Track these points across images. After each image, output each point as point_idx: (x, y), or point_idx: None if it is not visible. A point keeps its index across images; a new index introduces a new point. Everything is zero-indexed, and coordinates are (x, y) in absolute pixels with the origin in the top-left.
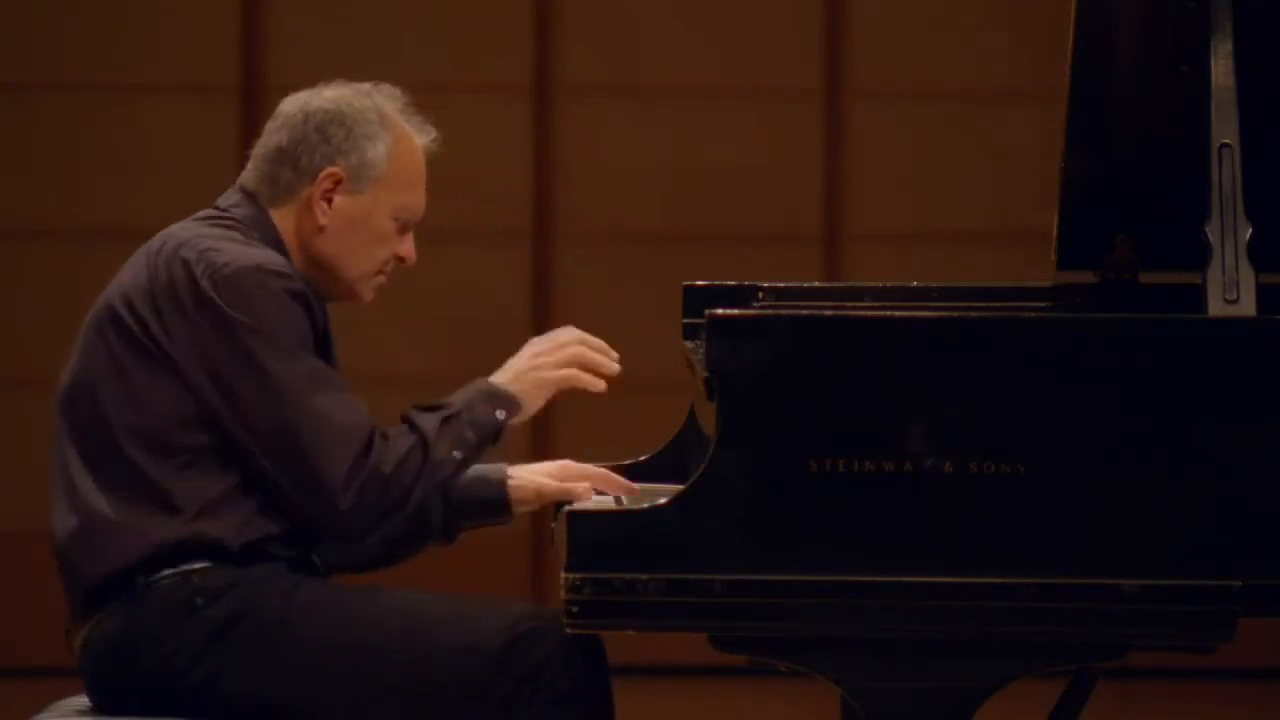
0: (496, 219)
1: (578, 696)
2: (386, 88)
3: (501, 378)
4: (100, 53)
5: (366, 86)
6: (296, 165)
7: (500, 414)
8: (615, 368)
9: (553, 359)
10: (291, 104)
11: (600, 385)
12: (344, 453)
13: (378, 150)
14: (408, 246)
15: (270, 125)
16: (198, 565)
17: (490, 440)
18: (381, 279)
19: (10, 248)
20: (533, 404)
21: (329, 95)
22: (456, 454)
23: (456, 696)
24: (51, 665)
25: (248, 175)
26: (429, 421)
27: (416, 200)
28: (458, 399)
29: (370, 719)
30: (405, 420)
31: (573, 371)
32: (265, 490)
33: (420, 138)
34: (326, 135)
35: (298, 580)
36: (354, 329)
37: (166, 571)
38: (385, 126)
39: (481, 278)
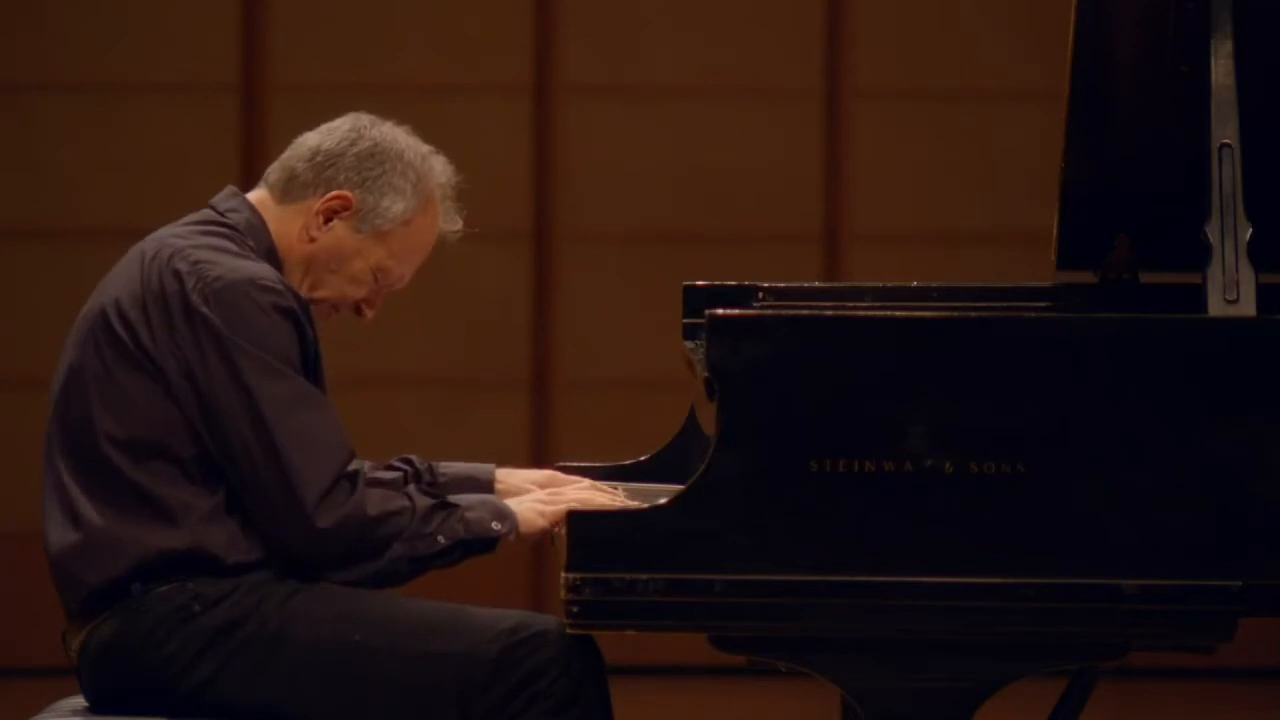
0: (496, 219)
1: (576, 703)
2: (445, 161)
3: (506, 498)
4: (99, 52)
5: (427, 149)
6: (321, 173)
7: (497, 525)
8: (623, 503)
9: (561, 497)
10: (359, 119)
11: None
12: (322, 473)
13: (396, 207)
14: (373, 302)
15: (327, 125)
16: (194, 574)
17: (479, 546)
18: (334, 314)
19: (9, 248)
20: (528, 527)
21: (391, 133)
22: (442, 539)
23: (454, 701)
24: (51, 665)
25: (275, 164)
26: (421, 499)
27: (402, 270)
28: (460, 498)
29: None
30: (397, 485)
31: (573, 507)
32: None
33: (445, 224)
34: (361, 164)
35: (295, 586)
36: (354, 329)
37: (163, 580)
38: (418, 193)
39: (481, 278)
